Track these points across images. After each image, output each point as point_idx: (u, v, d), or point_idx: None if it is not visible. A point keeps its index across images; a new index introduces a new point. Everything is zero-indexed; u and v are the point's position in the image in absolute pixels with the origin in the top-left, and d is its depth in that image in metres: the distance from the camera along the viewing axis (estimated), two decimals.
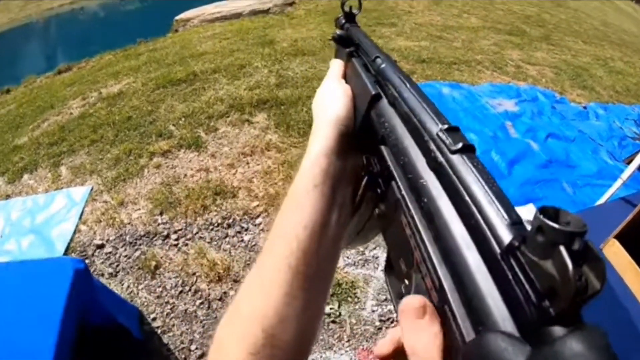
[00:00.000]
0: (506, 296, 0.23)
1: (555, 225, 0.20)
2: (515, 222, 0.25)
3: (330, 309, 2.50)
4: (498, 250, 0.24)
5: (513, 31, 9.09)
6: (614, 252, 1.81)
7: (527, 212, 2.51)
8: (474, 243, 0.27)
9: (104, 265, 2.88)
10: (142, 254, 2.92)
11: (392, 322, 2.51)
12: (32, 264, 2.02)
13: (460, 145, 0.32)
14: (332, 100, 0.53)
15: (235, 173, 3.55)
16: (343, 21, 0.72)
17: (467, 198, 0.29)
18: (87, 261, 2.71)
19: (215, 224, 3.08)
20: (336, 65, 0.61)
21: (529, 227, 0.22)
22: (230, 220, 3.10)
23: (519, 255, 0.22)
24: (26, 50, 10.93)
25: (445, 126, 0.35)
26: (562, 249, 0.20)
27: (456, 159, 0.32)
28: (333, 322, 2.46)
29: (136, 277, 2.78)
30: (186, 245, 2.96)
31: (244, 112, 4.35)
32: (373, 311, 2.56)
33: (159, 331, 2.45)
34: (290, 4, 8.99)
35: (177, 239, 3.00)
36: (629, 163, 2.82)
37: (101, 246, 3.01)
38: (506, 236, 0.24)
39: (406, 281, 0.38)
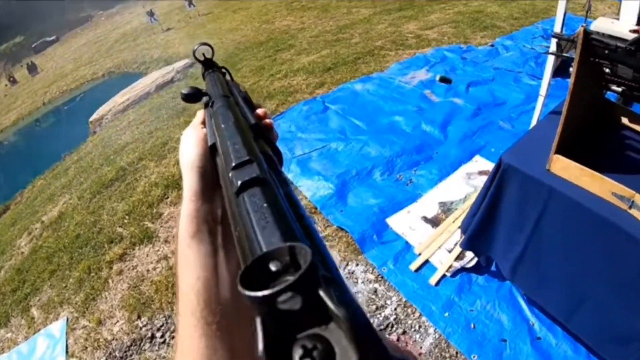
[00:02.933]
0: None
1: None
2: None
3: None
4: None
5: (403, 6, 9.37)
6: (562, 167, 1.82)
7: (475, 165, 2.70)
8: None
9: None
10: None
11: (392, 327, 2.59)
12: None
13: (238, 184, 0.34)
14: (186, 146, 0.54)
15: None
16: (203, 71, 0.74)
17: (238, 236, 0.32)
18: None
19: None
20: (198, 114, 0.62)
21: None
22: None
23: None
24: None
25: (233, 164, 0.38)
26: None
27: (235, 199, 0.34)
28: None
29: None
30: (172, 338, 2.97)
31: (180, 188, 4.38)
32: None
33: None
34: (191, 65, 9.12)
35: (162, 336, 3.02)
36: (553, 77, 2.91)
37: None
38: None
39: None
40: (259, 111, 0.58)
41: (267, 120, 0.56)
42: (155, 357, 2.90)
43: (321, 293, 0.21)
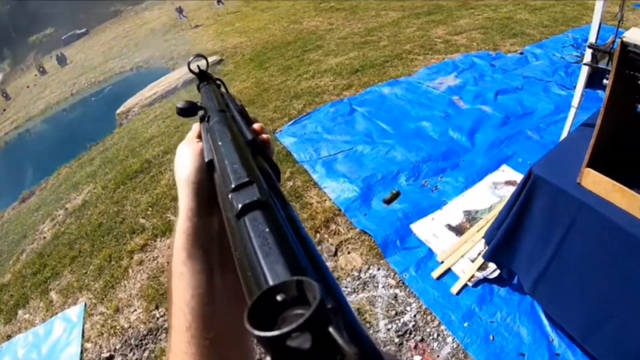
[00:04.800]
0: None
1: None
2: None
3: None
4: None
5: (432, 10, 9.30)
6: (593, 181, 1.78)
7: (502, 175, 2.65)
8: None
9: None
10: (150, 352, 2.95)
11: (410, 334, 2.56)
12: None
13: (239, 207, 0.33)
14: (181, 161, 0.53)
15: None
16: (198, 83, 0.73)
17: (239, 258, 0.31)
18: None
19: None
20: (193, 127, 0.60)
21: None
22: None
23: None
24: None
25: (232, 185, 0.37)
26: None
27: (236, 222, 0.33)
28: None
29: None
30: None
31: None
32: (388, 329, 2.61)
33: None
34: (219, 62, 9.18)
35: None
36: None
37: (110, 358, 3.02)
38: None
39: None
40: (256, 126, 0.57)
41: (264, 136, 0.55)
42: None
43: (331, 330, 0.20)
